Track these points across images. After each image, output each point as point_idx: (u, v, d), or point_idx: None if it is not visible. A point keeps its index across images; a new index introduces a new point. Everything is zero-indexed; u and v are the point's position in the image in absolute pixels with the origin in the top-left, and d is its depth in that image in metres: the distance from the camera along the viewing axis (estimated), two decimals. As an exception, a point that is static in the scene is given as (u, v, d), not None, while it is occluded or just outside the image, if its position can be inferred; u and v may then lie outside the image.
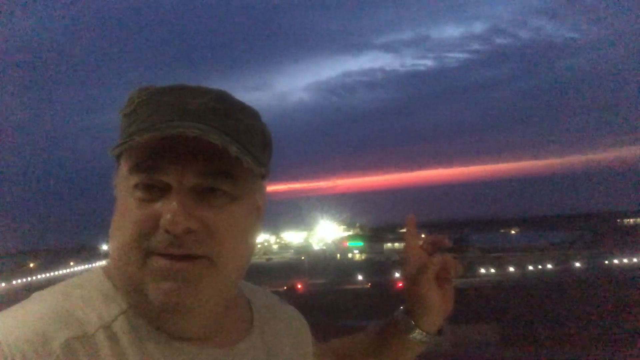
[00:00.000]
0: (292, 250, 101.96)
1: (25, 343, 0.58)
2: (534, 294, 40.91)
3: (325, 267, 69.54)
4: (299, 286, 54.59)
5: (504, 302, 37.74)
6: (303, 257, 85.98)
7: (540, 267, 63.15)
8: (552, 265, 63.32)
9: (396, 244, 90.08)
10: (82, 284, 0.70)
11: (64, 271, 75.08)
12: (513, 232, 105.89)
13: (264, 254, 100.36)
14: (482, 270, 63.49)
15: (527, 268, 62.97)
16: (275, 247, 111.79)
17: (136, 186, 0.65)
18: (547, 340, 26.55)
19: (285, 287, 54.31)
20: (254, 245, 0.75)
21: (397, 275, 65.22)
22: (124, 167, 0.68)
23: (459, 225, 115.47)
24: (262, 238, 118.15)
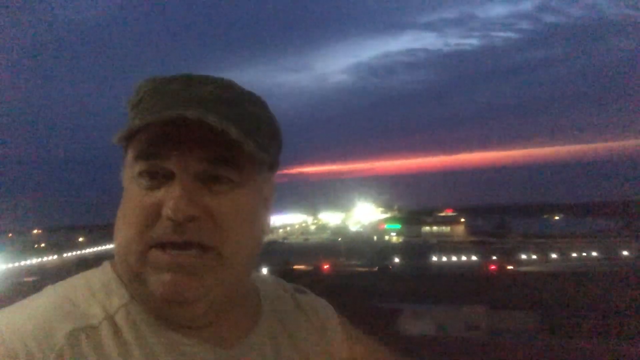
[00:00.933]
0: (329, 231, 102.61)
1: (28, 334, 0.60)
2: (577, 282, 39.78)
3: (361, 248, 69.72)
4: (326, 267, 55.10)
5: (544, 290, 36.95)
6: (340, 239, 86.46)
7: (584, 254, 61.24)
8: (597, 253, 61.27)
9: (434, 227, 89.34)
10: (89, 276, 0.71)
11: (111, 245, 78.35)
12: (557, 218, 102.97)
13: (301, 234, 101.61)
14: (524, 257, 62.23)
15: (571, 255, 61.20)
16: (312, 227, 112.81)
17: (140, 174, 0.65)
18: (588, 331, 25.89)
19: (312, 267, 54.97)
20: (260, 235, 0.73)
21: (434, 258, 64.88)
22: (129, 156, 0.68)
23: (500, 210, 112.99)
24: (300, 219, 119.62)
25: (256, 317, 0.80)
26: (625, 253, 60.33)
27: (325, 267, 55.48)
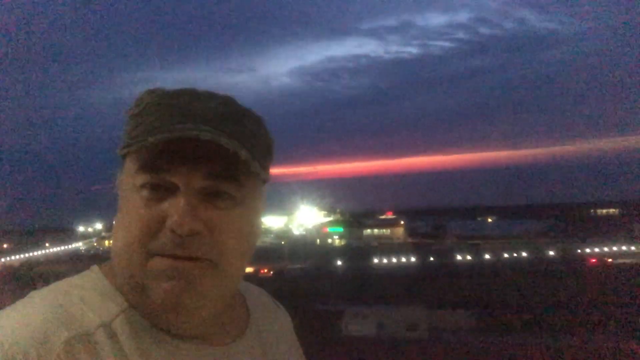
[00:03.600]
0: (272, 235, 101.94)
1: (26, 342, 0.59)
2: (509, 281, 41.72)
3: (305, 252, 69.72)
4: (264, 270, 54.75)
5: (479, 289, 38.41)
6: (283, 242, 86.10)
7: (515, 255, 64.38)
8: (526, 253, 64.63)
9: (375, 230, 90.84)
10: (81, 283, 0.71)
11: (39, 252, 73.78)
12: (490, 220, 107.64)
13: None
14: (459, 257, 64.49)
15: (502, 256, 64.14)
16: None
17: (143, 186, 0.66)
18: (520, 327, 27.15)
19: (253, 271, 54.39)
20: (254, 247, 0.76)
21: (375, 260, 65.93)
22: (130, 167, 0.68)
23: (438, 212, 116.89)
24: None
25: (245, 325, 0.82)
26: (551, 253, 64.03)
27: (264, 270, 55.00)
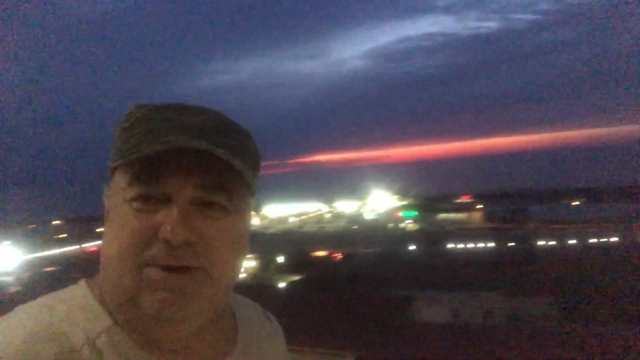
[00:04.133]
0: (345, 220, 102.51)
1: (17, 357, 0.60)
2: (596, 268, 39.16)
3: (377, 236, 69.54)
4: (338, 255, 55.17)
5: (562, 276, 36.46)
6: (355, 227, 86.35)
7: (604, 240, 60.22)
8: (617, 238, 60.18)
9: (450, 214, 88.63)
10: (66, 298, 0.71)
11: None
12: (575, 203, 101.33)
13: (317, 222, 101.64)
14: (541, 243, 61.42)
15: (589, 241, 60.24)
16: (327, 216, 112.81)
17: (135, 198, 0.66)
18: (605, 317, 25.49)
19: (327, 255, 55.07)
20: (244, 258, 0.76)
21: (450, 245, 64.44)
22: (120, 180, 0.69)
23: (518, 196, 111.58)
24: (315, 207, 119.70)
25: (233, 339, 0.81)
26: (646, 238, 59.16)
27: (338, 255, 55.56)
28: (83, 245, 68.92)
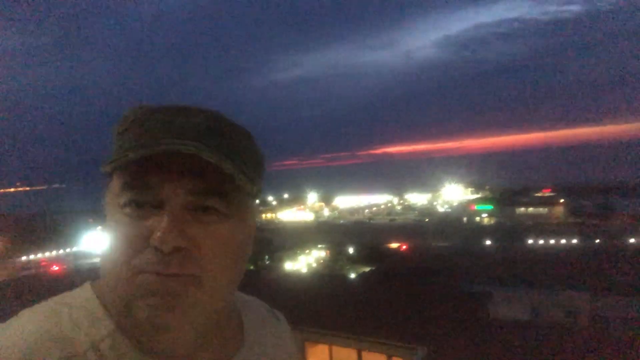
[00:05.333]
0: (416, 212, 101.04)
1: None
2: (697, 269, 35.79)
3: (450, 230, 67.92)
4: (406, 247, 54.43)
5: (656, 276, 33.71)
6: (427, 219, 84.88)
7: None
8: None
9: (530, 208, 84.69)
10: (71, 302, 0.71)
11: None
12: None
13: (387, 214, 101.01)
14: (632, 240, 57.17)
15: (690, 239, 55.18)
16: (398, 208, 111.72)
17: (128, 203, 0.65)
18: None
19: (397, 248, 54.49)
20: (244, 263, 0.74)
21: (529, 241, 61.57)
22: (115, 184, 0.68)
23: (604, 189, 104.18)
24: (385, 199, 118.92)
25: (238, 342, 0.80)
26: None
27: (409, 248, 54.97)
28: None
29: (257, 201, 0.78)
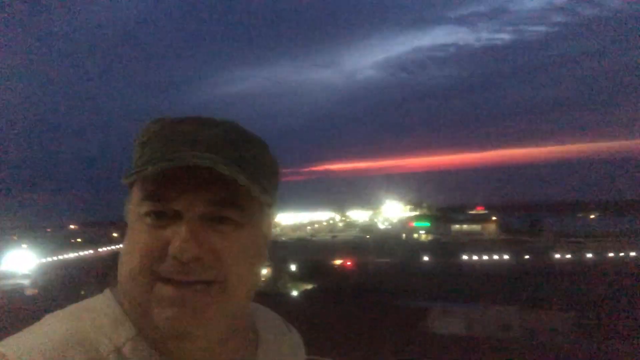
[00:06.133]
0: (357, 229, 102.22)
1: None
2: (613, 282, 38.45)
3: (390, 246, 69.17)
4: (349, 263, 54.88)
5: (580, 290, 35.85)
6: (368, 236, 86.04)
7: (622, 254, 59.15)
8: (635, 253, 59.10)
9: (464, 226, 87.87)
10: (94, 307, 0.73)
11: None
12: (592, 216, 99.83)
13: (329, 231, 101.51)
14: (557, 256, 60.54)
15: (607, 255, 59.22)
16: (340, 225, 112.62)
17: (147, 213, 0.68)
18: (624, 332, 24.94)
19: (339, 265, 54.77)
20: (260, 271, 0.76)
21: (464, 257, 63.82)
22: (135, 195, 0.70)
23: (533, 208, 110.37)
24: (328, 216, 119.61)
25: (254, 349, 0.82)
26: (665, 253, 58.00)
27: (349, 264, 55.33)
28: (98, 250, 69.58)
29: (273, 210, 0.79)
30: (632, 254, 59.03)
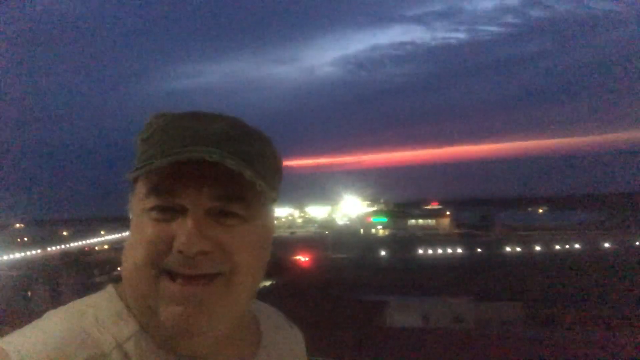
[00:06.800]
0: (316, 225, 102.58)
1: None
2: (560, 274, 40.33)
3: (348, 242, 69.83)
4: (307, 259, 55.09)
5: (528, 282, 37.39)
6: (327, 232, 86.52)
7: (567, 246, 62.11)
8: (580, 245, 62.19)
9: (420, 220, 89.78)
10: (96, 303, 0.73)
11: (96, 239, 77.48)
12: (541, 210, 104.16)
13: (288, 227, 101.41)
14: (508, 249, 62.83)
15: (554, 247, 62.02)
16: (299, 221, 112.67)
17: (152, 208, 0.68)
18: (570, 321, 26.26)
19: (298, 260, 54.91)
20: (264, 265, 0.76)
21: (420, 251, 65.26)
22: (140, 190, 0.70)
23: (485, 202, 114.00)
24: (287, 212, 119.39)
25: (256, 345, 0.82)
26: (606, 245, 61.32)
27: (307, 259, 55.54)
28: (47, 249, 66.78)
29: (274, 205, 0.80)
30: (577, 246, 62.11)
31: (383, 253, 62.71)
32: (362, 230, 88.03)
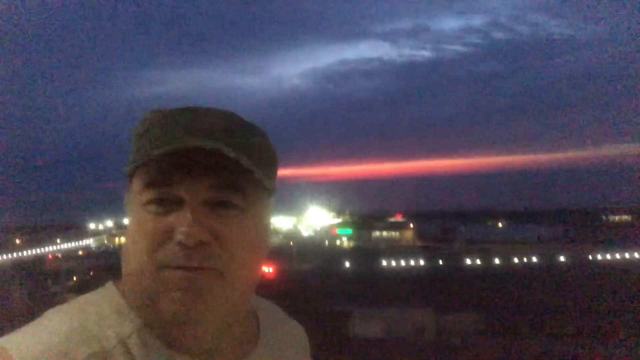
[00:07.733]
0: (281, 236, 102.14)
1: (48, 359, 0.61)
2: (518, 286, 41.44)
3: (313, 253, 69.80)
4: (271, 269, 54.63)
5: (488, 293, 38.22)
6: (291, 243, 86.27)
7: (525, 260, 63.92)
8: (537, 258, 64.13)
9: (384, 232, 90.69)
10: (97, 300, 0.72)
11: (51, 248, 74.58)
12: (500, 224, 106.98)
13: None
14: (468, 261, 64.13)
15: (512, 260, 63.71)
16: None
17: (150, 201, 0.68)
18: (527, 332, 26.98)
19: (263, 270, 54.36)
20: (262, 258, 0.76)
21: (384, 263, 65.83)
22: (137, 184, 0.70)
23: (447, 216, 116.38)
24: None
25: (255, 339, 0.82)
26: (562, 259, 63.47)
27: (271, 270, 55.15)
28: (-2, 257, 63.78)
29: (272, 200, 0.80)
30: (534, 259, 64.02)
31: (347, 264, 62.91)
32: (327, 242, 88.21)
